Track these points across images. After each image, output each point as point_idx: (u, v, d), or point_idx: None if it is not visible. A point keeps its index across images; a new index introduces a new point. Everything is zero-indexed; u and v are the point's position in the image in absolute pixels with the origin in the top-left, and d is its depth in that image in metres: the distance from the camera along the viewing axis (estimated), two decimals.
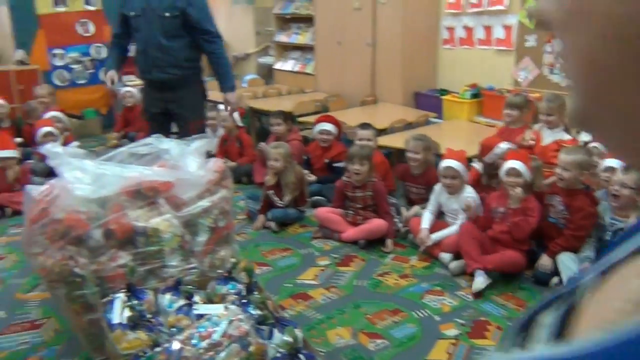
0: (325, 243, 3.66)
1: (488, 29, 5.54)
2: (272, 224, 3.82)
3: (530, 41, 5.20)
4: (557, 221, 3.16)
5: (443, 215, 3.64)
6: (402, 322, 2.74)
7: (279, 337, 1.68)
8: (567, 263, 2.97)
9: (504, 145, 3.47)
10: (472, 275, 3.12)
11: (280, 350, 1.62)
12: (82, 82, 6.49)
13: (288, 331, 1.62)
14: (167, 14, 3.48)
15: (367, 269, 3.30)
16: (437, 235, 3.42)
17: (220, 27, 8.38)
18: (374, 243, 3.59)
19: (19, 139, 4.93)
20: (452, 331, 2.67)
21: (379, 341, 2.57)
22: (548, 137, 3.67)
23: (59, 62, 6.33)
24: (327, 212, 3.76)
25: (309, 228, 3.89)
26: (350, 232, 3.60)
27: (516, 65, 5.35)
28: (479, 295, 2.96)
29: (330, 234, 3.70)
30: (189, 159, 2.34)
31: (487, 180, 3.65)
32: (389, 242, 3.54)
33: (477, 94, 5.42)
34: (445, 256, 3.32)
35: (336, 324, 2.71)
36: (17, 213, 3.83)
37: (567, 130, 3.77)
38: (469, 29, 5.71)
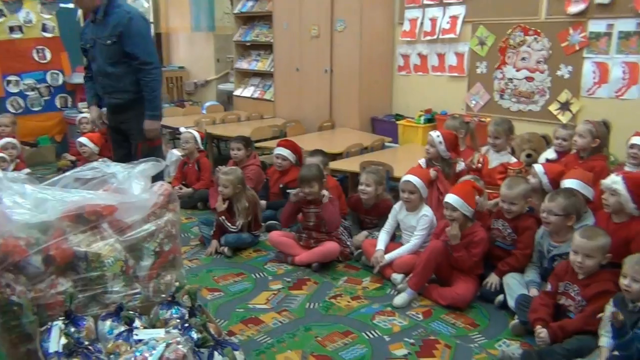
0: (279, 267, 3.66)
1: (441, 56, 5.71)
2: (225, 249, 3.80)
3: (481, 68, 5.38)
4: (505, 245, 3.22)
5: (397, 237, 3.70)
6: (352, 343, 2.75)
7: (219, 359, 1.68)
8: (512, 285, 3.03)
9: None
10: (420, 294, 3.19)
11: None
12: (37, 109, 6.41)
13: (226, 352, 1.61)
14: (108, 42, 3.69)
15: (319, 292, 3.31)
16: (391, 255, 3.46)
17: (180, 55, 8.48)
18: (327, 266, 3.61)
19: None
20: (401, 351, 2.68)
21: None
22: (495, 160, 3.78)
23: (13, 89, 6.24)
24: (280, 236, 3.77)
25: (263, 252, 3.89)
26: (304, 256, 3.61)
27: (468, 91, 5.52)
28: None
29: (283, 258, 3.71)
30: (133, 183, 2.34)
31: None
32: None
33: (431, 118, 5.56)
34: (397, 277, 3.35)
35: (286, 348, 2.70)
36: None
37: (512, 153, 3.90)
38: (423, 56, 5.87)
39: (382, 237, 3.60)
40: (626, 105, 4.41)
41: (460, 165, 3.92)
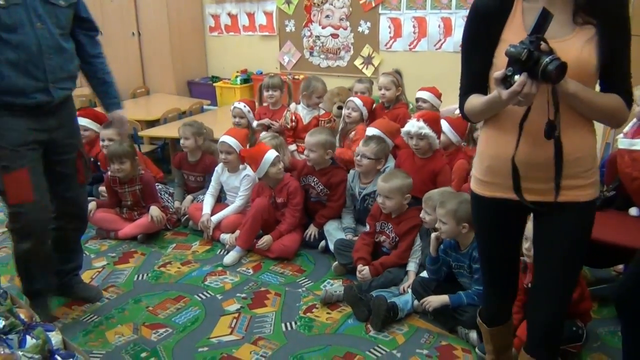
0: (102, 244, 3.49)
1: (251, 15, 5.74)
2: None
3: (290, 26, 5.53)
4: (320, 199, 3.41)
5: (223, 199, 3.72)
6: (185, 307, 2.76)
7: (32, 343, 1.58)
8: (332, 231, 3.27)
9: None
10: (249, 250, 3.30)
11: (33, 355, 1.52)
12: None
13: (37, 333, 1.52)
14: (61, 2, 2.32)
15: (147, 263, 3.24)
16: (217, 217, 3.49)
17: None
18: (154, 236, 3.52)
19: None
20: (234, 306, 2.77)
21: (161, 330, 2.56)
22: (307, 116, 3.96)
23: None
24: (100, 212, 3.57)
25: None
26: (127, 229, 3.49)
27: (280, 49, 5.65)
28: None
29: (106, 234, 3.54)
30: None
31: None
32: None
33: (247, 79, 5.61)
34: (225, 237, 3.40)
35: (116, 323, 2.62)
36: None
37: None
38: (233, 16, 5.85)
39: (208, 201, 3.61)
40: (418, 56, 4.89)
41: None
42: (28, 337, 1.61)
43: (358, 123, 3.74)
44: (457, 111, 3.62)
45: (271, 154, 3.28)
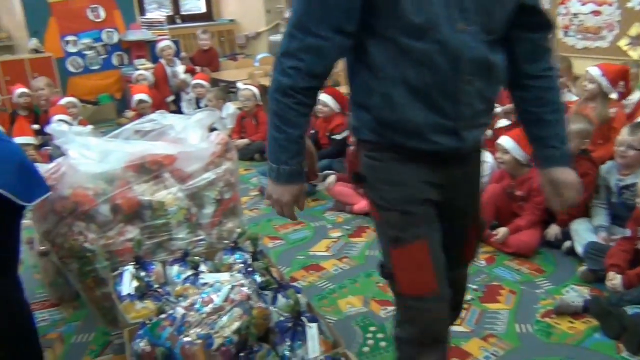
0: (338, 216, 3.66)
1: None
2: None
3: (544, 3, 5.07)
4: None
5: None
6: None
7: (283, 302, 1.70)
8: (580, 232, 2.90)
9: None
10: (482, 241, 3.11)
11: (283, 314, 1.64)
12: (96, 68, 6.56)
13: (290, 294, 1.63)
14: None
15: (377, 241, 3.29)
16: None
17: (230, 8, 8.37)
18: None
19: (36, 126, 5.02)
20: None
21: (390, 308, 2.57)
22: None
23: (72, 49, 6.39)
24: (339, 186, 3.75)
25: (322, 202, 3.90)
26: (363, 204, 3.58)
27: None
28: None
29: (342, 207, 3.71)
30: (191, 133, 2.36)
31: None
32: None
33: None
34: None
35: (348, 293, 2.72)
36: None
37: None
38: None
39: None
40: None
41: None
42: (279, 296, 1.74)
43: (596, 97, 3.26)
44: None
45: None
